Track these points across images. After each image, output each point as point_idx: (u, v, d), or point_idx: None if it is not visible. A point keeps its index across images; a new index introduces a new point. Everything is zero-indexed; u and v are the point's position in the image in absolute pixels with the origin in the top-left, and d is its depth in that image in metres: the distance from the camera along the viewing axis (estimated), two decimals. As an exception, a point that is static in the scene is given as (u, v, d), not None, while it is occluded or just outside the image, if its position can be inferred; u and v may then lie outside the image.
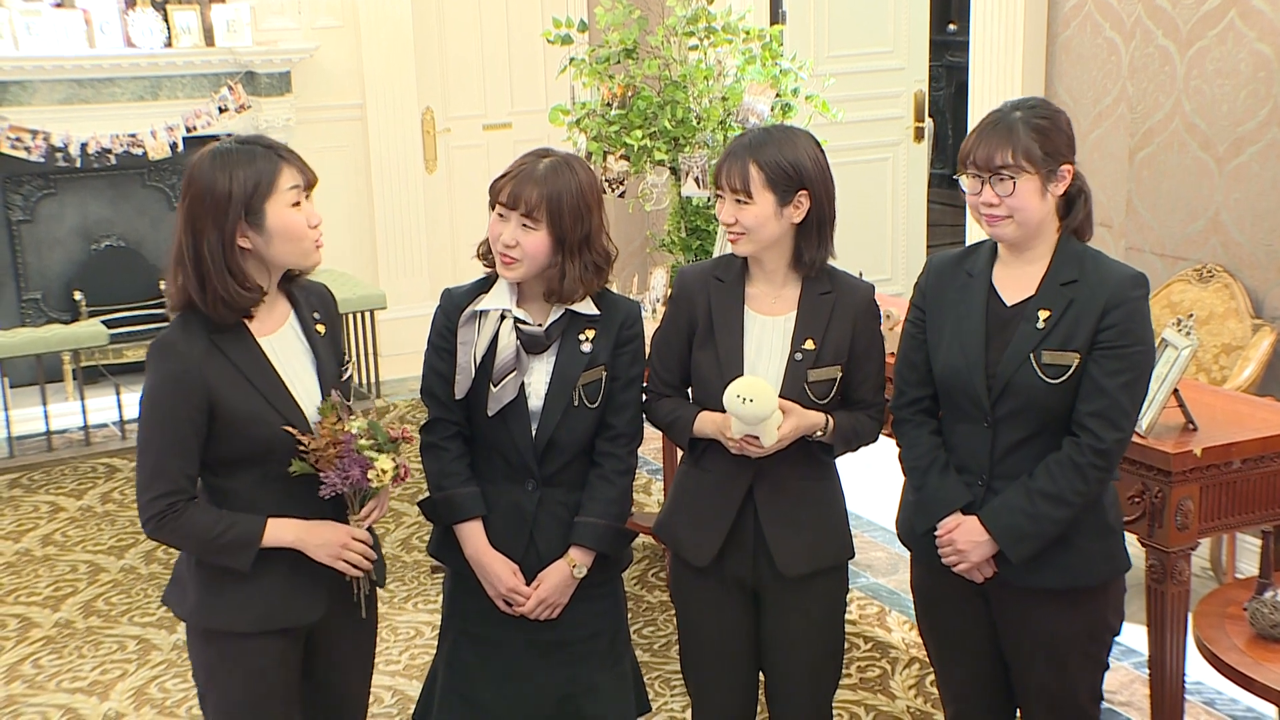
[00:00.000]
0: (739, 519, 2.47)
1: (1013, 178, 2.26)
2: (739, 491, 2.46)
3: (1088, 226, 2.38)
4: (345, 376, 2.37)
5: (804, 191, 2.40)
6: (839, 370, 2.44)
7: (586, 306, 2.41)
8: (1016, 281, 2.35)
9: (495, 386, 2.37)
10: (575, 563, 2.42)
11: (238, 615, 2.21)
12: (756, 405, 2.31)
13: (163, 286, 2.27)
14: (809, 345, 2.42)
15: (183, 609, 2.27)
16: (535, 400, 2.40)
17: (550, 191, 2.32)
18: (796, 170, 2.39)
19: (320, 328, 2.30)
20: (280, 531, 2.19)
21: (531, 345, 2.39)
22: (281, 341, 2.23)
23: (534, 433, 2.40)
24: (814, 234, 2.43)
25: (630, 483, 2.47)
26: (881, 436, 2.62)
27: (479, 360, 2.39)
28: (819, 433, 2.42)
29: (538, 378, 2.40)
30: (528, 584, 2.42)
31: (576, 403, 2.39)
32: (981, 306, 2.36)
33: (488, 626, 2.46)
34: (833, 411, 2.45)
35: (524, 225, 2.33)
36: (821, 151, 2.46)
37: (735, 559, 2.49)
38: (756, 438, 2.36)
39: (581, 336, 2.40)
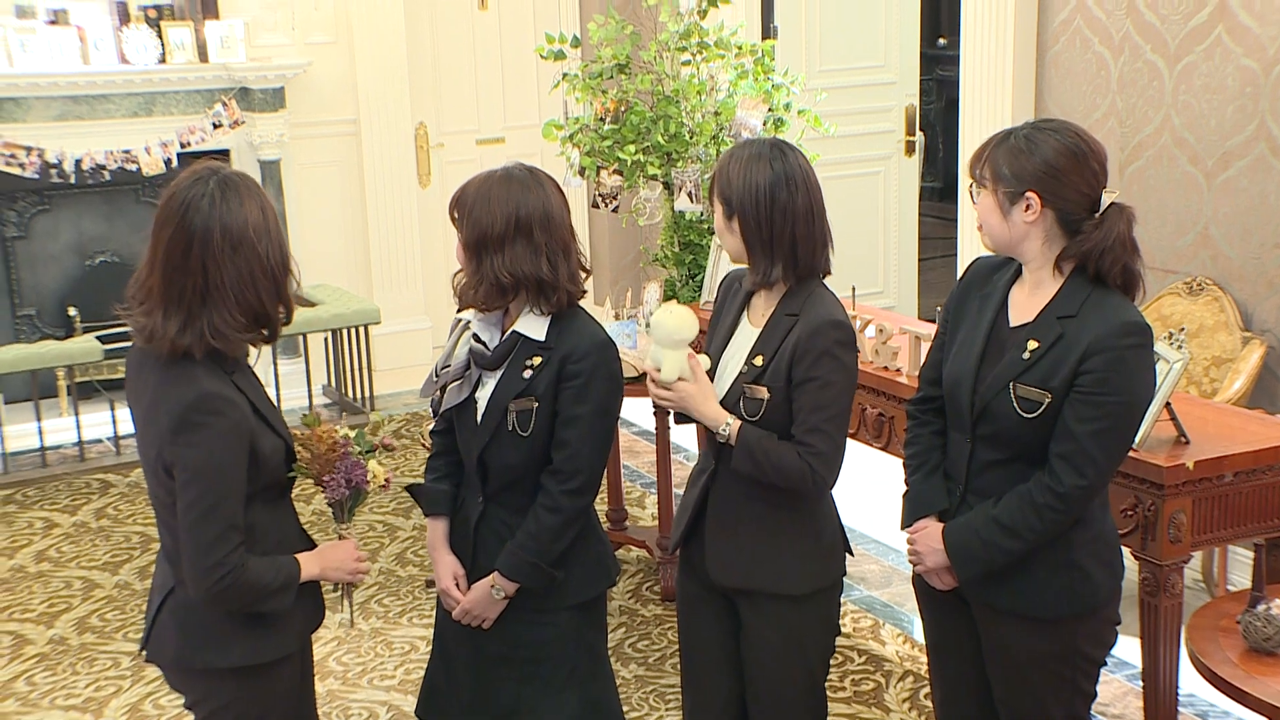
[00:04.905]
0: (696, 516, 2.51)
1: (976, 188, 2.29)
2: (702, 488, 2.50)
3: (1116, 272, 2.23)
4: None
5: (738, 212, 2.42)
6: (767, 393, 2.38)
7: (535, 330, 2.37)
8: (1026, 304, 2.32)
9: (444, 391, 2.46)
10: (495, 584, 2.41)
11: (284, 639, 2.22)
12: (667, 318, 2.39)
13: (137, 322, 2.21)
14: (758, 361, 2.41)
15: (224, 657, 2.16)
16: (480, 416, 2.43)
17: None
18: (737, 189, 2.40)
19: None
20: (308, 566, 2.23)
21: (480, 360, 2.42)
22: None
23: (476, 448, 2.44)
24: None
25: (560, 522, 2.37)
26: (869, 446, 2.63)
27: (447, 363, 2.47)
28: (722, 428, 2.39)
29: (486, 394, 2.43)
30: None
31: (510, 427, 2.37)
32: (989, 323, 2.34)
33: (449, 628, 2.52)
34: (745, 423, 2.38)
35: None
36: (792, 165, 2.37)
37: (699, 557, 2.53)
38: (661, 372, 2.41)
39: (528, 362, 2.37)
